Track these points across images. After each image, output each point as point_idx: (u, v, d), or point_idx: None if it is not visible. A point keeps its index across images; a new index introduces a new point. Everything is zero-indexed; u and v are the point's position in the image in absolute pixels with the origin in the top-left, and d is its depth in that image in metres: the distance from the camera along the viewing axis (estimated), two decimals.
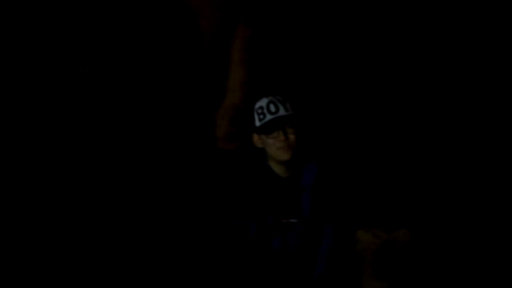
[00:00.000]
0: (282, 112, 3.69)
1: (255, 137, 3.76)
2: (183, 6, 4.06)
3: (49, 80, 4.08)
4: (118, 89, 4.05)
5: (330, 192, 3.78)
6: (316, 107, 4.32)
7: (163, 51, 4.07)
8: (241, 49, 4.05)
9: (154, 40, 4.06)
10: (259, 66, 4.10)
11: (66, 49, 4.06)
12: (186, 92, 4.08)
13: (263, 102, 3.72)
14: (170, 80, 4.09)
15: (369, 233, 3.83)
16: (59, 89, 4.07)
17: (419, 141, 4.43)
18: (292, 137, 3.70)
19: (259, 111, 3.71)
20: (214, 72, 4.07)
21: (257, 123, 3.73)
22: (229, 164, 3.94)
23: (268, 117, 3.69)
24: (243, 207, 3.71)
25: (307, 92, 4.29)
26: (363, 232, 3.84)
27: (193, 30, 4.06)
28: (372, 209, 4.17)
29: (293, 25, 4.31)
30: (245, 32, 4.07)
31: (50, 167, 4.03)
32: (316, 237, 3.75)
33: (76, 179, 4.03)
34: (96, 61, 4.04)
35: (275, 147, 3.70)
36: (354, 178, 4.28)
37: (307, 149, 3.80)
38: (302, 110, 3.78)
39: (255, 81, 4.05)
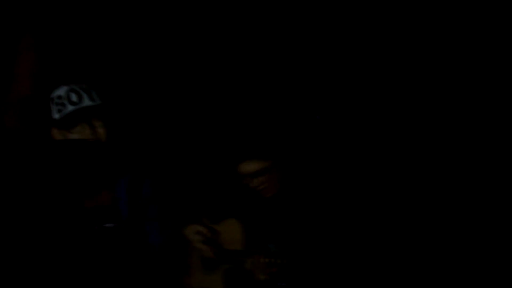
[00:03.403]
0: (86, 102, 3.16)
1: (55, 132, 3.18)
2: None
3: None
4: None
5: (149, 189, 3.29)
6: (128, 96, 3.93)
7: None
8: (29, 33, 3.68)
9: None
10: (53, 53, 3.71)
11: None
12: None
13: (61, 91, 3.17)
14: None
15: (195, 228, 3.51)
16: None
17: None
18: (101, 130, 3.15)
19: (58, 101, 3.17)
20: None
21: (56, 115, 3.17)
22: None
23: (70, 108, 3.15)
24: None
25: (117, 79, 3.89)
26: (189, 228, 3.51)
27: None
28: (198, 204, 3.78)
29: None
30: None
31: None
32: (139, 238, 3.25)
33: None
34: None
35: None
36: (180, 174, 3.90)
37: (120, 145, 3.29)
38: (113, 99, 3.28)
39: (47, 69, 3.65)
